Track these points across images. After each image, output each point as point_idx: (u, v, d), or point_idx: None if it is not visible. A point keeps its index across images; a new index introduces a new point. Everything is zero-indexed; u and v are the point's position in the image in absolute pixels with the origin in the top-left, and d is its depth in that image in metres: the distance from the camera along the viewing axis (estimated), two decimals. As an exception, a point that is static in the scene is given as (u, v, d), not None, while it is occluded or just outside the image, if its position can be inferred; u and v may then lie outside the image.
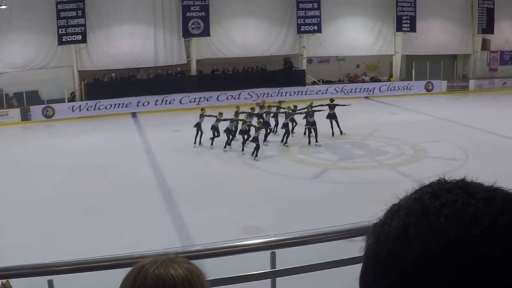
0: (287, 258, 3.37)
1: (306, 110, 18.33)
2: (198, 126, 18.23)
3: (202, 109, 19.18)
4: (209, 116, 18.09)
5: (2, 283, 2.68)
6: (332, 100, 19.59)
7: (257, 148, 16.26)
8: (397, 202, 0.69)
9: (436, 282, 0.58)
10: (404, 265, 0.60)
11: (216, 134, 17.81)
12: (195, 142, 18.18)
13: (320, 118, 18.84)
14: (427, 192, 0.66)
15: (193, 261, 1.31)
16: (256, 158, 16.19)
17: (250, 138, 16.68)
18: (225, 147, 17.43)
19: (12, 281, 2.76)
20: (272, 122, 19.42)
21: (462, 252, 0.57)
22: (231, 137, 17.48)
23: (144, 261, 1.27)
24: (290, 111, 18.62)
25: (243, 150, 17.05)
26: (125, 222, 11.65)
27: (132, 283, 1.22)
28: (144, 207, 12.53)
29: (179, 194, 13.40)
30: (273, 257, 3.20)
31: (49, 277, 2.89)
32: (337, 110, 19.50)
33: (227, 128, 17.48)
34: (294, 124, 19.23)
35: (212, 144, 17.79)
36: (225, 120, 17.66)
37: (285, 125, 18.33)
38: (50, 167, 16.17)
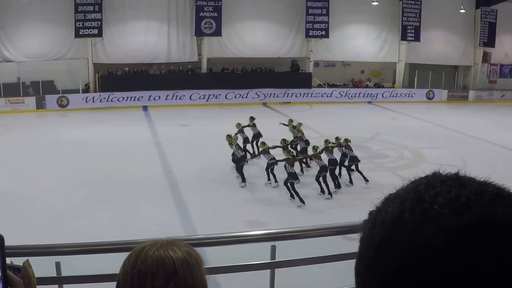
0: (286, 253, 3.43)
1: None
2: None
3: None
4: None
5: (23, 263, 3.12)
6: (347, 140, 14.84)
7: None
8: (393, 192, 0.73)
9: (428, 266, 0.60)
10: (398, 249, 0.63)
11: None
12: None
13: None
14: (423, 183, 0.70)
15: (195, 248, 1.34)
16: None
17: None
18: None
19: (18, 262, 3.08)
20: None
21: (452, 238, 0.60)
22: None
23: (144, 243, 1.30)
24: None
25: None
26: (131, 210, 12.14)
27: (133, 264, 1.24)
28: (150, 196, 12.95)
29: (185, 185, 13.86)
30: (273, 250, 3.24)
31: (57, 259, 2.97)
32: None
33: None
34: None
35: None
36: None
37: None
38: (62, 155, 16.68)
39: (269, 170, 13.85)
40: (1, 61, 27.01)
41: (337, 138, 14.83)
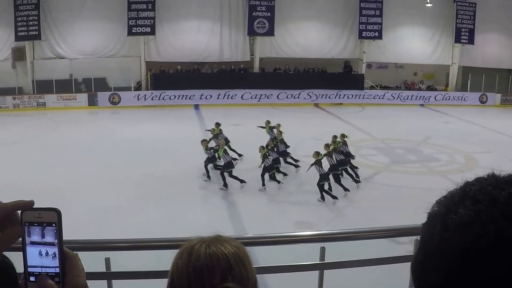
0: (335, 254, 3.39)
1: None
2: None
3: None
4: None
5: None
6: (343, 136, 14.93)
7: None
8: (448, 194, 0.74)
9: (509, 263, 0.62)
10: (478, 250, 0.64)
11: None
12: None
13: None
14: (488, 184, 0.71)
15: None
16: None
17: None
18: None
19: None
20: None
21: None
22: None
23: (191, 241, 1.32)
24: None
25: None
26: (180, 207, 12.08)
27: (187, 261, 1.25)
28: (200, 194, 13.00)
29: (235, 185, 13.74)
30: (322, 252, 3.23)
31: (107, 255, 3.01)
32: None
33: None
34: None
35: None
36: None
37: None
38: (112, 152, 16.73)
39: (271, 175, 13.63)
40: (54, 57, 27.26)
41: (335, 137, 14.62)
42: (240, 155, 16.08)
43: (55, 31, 27.02)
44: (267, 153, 13.57)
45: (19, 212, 0.96)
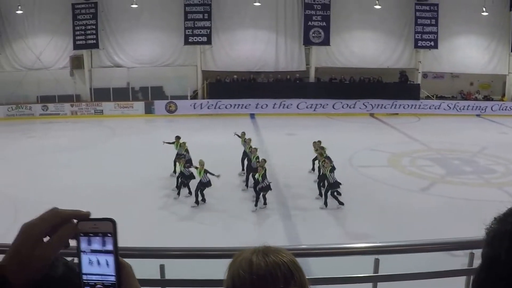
0: (388, 267, 3.34)
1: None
2: None
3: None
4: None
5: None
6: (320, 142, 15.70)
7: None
8: (508, 211, 0.73)
9: None
10: None
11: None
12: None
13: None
14: None
15: (298, 259, 1.38)
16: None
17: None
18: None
19: None
20: None
21: None
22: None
23: (245, 251, 1.34)
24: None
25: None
26: (234, 217, 12.19)
27: (249, 270, 1.26)
28: (252, 205, 12.77)
29: (290, 194, 13.81)
30: (376, 263, 3.15)
31: (161, 262, 3.02)
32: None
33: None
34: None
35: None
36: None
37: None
38: (168, 159, 16.38)
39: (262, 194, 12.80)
40: (112, 66, 27.78)
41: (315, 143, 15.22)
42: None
43: (112, 40, 27.52)
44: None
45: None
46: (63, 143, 20.90)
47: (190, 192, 13.40)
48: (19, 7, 26.26)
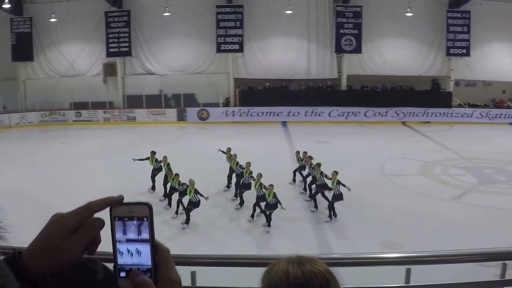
0: (420, 276, 3.34)
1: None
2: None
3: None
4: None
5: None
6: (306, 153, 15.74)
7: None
8: None
9: None
10: None
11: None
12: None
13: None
14: None
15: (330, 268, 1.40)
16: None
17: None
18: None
19: None
20: None
21: None
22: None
23: (280, 260, 1.33)
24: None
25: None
26: (264, 225, 12.27)
27: (286, 279, 1.26)
28: (285, 212, 12.58)
29: (320, 203, 13.58)
30: (408, 273, 3.13)
31: (192, 269, 3.01)
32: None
33: None
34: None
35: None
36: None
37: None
38: (200, 166, 16.53)
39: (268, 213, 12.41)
40: (144, 73, 28.11)
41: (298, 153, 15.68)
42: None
43: (145, 48, 27.84)
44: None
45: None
46: (95, 149, 21.22)
47: (169, 204, 13.27)
48: (53, 15, 26.72)
